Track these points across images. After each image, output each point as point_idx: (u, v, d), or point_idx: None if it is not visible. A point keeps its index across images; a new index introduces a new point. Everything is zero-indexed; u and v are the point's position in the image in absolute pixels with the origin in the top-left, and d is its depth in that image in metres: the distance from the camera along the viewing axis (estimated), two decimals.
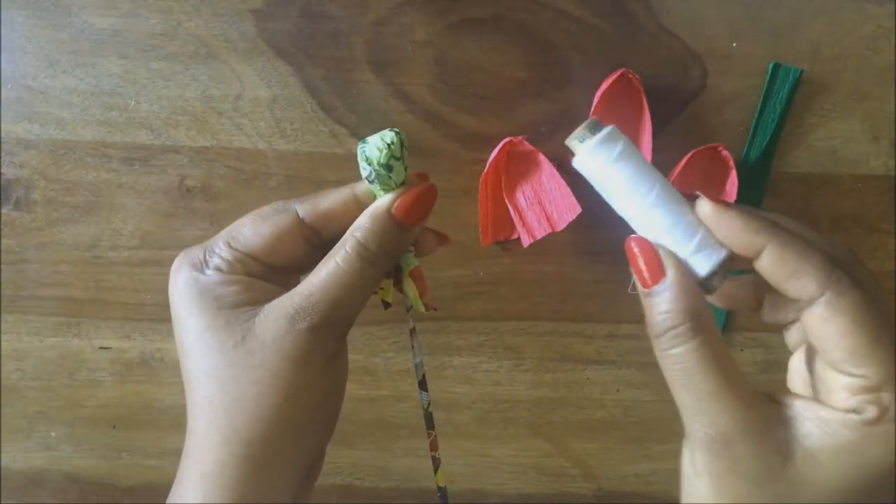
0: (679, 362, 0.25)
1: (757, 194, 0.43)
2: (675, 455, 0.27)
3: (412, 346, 0.33)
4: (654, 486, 0.46)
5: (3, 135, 0.43)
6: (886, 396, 0.23)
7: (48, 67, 0.42)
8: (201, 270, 0.30)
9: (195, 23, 0.42)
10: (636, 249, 0.27)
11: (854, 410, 0.23)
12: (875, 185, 0.43)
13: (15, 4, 0.42)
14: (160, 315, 0.45)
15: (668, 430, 0.45)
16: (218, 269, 0.30)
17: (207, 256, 0.30)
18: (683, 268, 0.26)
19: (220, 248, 0.30)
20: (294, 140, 0.43)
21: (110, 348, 0.45)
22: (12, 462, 0.46)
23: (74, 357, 0.45)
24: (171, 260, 0.31)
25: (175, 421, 0.45)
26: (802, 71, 0.42)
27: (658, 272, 0.26)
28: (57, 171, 0.43)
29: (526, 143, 0.41)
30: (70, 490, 0.47)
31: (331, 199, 0.32)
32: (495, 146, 0.41)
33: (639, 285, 0.27)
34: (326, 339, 0.28)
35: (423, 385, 0.33)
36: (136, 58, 0.42)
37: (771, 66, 0.42)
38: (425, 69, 0.42)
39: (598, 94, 0.41)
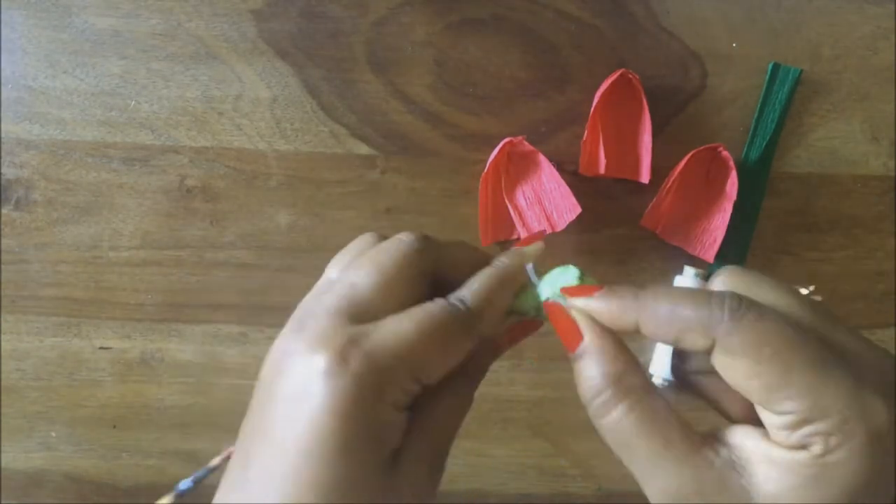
0: (611, 430, 0.24)
1: (757, 194, 0.43)
2: None
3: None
4: None
5: (3, 135, 0.43)
6: (822, 425, 0.21)
7: (48, 68, 0.42)
8: (376, 406, 0.24)
9: (195, 23, 0.42)
10: (552, 318, 0.26)
11: (800, 446, 0.22)
12: (875, 185, 0.43)
13: (15, 5, 0.42)
14: (160, 315, 0.45)
15: None
16: (396, 406, 0.24)
17: (383, 383, 0.24)
18: (603, 330, 0.25)
19: (403, 378, 0.24)
20: (294, 140, 0.43)
21: (110, 348, 0.45)
22: (12, 462, 0.46)
23: (74, 357, 0.45)
24: (172, 260, 0.31)
25: (175, 420, 0.45)
26: (802, 71, 0.42)
27: (575, 337, 0.25)
28: (57, 171, 0.43)
29: (526, 143, 0.41)
30: (70, 490, 0.47)
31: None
32: (495, 146, 0.41)
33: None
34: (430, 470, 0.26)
35: None
36: (136, 58, 0.42)
37: (770, 66, 0.42)
38: (425, 69, 0.42)
39: (598, 94, 0.41)
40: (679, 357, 0.27)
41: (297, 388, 0.24)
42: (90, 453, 0.46)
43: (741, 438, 0.24)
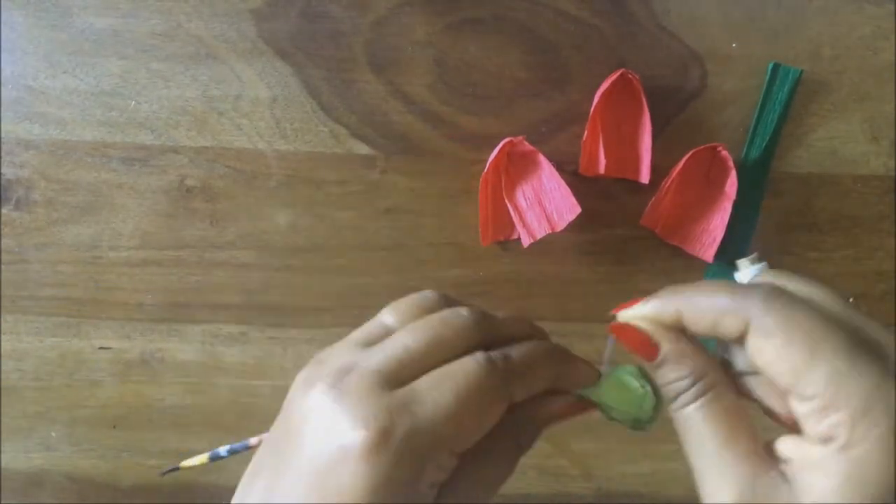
0: (688, 421, 0.25)
1: (757, 194, 0.43)
2: (675, 455, 0.27)
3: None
4: (654, 486, 0.46)
5: (3, 135, 0.43)
6: (846, 413, 0.22)
7: (48, 68, 0.42)
8: (414, 485, 0.24)
9: (195, 23, 0.42)
10: (623, 338, 0.27)
11: (827, 438, 0.22)
12: (875, 185, 0.43)
13: (15, 5, 0.42)
14: (160, 315, 0.45)
15: (668, 430, 0.45)
16: (433, 484, 0.24)
17: (426, 462, 0.24)
18: (677, 335, 0.26)
19: (441, 454, 0.24)
20: (294, 140, 0.43)
21: (110, 348, 0.45)
22: (12, 462, 0.46)
23: (74, 357, 0.45)
24: (172, 260, 0.30)
25: (175, 420, 0.45)
26: (802, 71, 0.42)
27: (652, 350, 0.26)
28: (57, 171, 0.43)
29: (526, 143, 0.41)
30: (70, 490, 0.47)
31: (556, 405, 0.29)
32: (495, 146, 0.41)
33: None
34: None
35: None
36: (136, 58, 0.42)
37: (770, 66, 0.42)
38: (425, 69, 0.42)
39: (598, 94, 0.41)
40: (725, 362, 0.28)
41: (331, 450, 0.23)
42: (90, 453, 0.46)
43: (786, 446, 0.24)
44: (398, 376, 0.25)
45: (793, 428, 0.25)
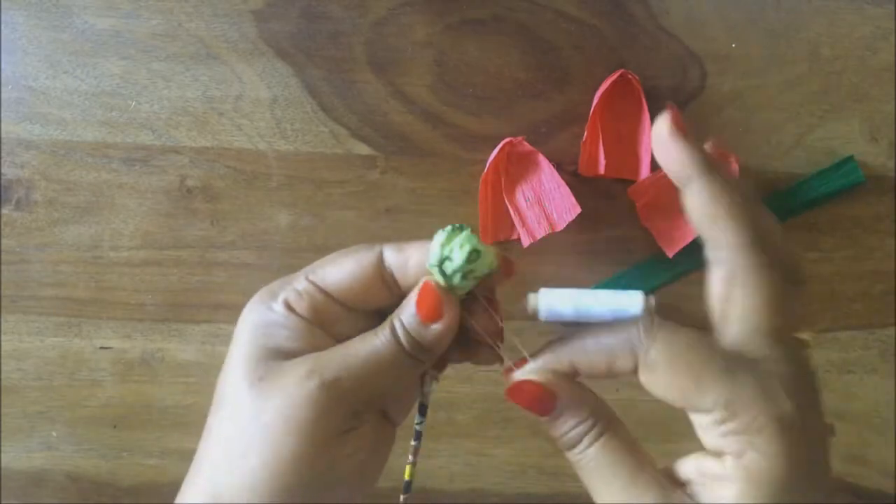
0: (591, 462, 0.26)
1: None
2: (675, 455, 0.27)
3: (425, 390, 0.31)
4: None
5: (3, 135, 0.43)
6: (736, 424, 0.23)
7: (49, 68, 0.43)
8: (269, 304, 0.28)
9: (196, 23, 0.42)
10: (518, 399, 0.27)
11: (723, 450, 0.23)
12: (875, 185, 0.43)
13: (15, 5, 0.42)
14: (161, 315, 0.45)
15: (668, 430, 0.45)
16: (287, 304, 0.28)
17: (281, 287, 0.28)
18: (567, 380, 0.27)
19: (297, 280, 0.29)
20: (294, 140, 0.43)
21: (111, 348, 0.45)
22: (13, 462, 0.46)
23: (75, 357, 0.45)
24: (172, 260, 0.31)
25: (175, 420, 0.45)
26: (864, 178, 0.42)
27: (549, 403, 0.26)
28: (58, 171, 0.43)
29: (526, 143, 0.41)
30: (70, 490, 0.47)
31: (414, 248, 0.29)
32: (495, 146, 0.41)
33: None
34: (337, 409, 0.26)
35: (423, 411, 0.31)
36: (136, 58, 0.42)
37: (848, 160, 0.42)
38: (425, 69, 0.42)
39: (598, 94, 0.41)
40: None
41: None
42: (91, 453, 0.46)
43: (686, 468, 0.25)
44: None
45: None
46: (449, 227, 0.27)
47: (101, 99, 0.43)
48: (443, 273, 0.27)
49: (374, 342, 0.27)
